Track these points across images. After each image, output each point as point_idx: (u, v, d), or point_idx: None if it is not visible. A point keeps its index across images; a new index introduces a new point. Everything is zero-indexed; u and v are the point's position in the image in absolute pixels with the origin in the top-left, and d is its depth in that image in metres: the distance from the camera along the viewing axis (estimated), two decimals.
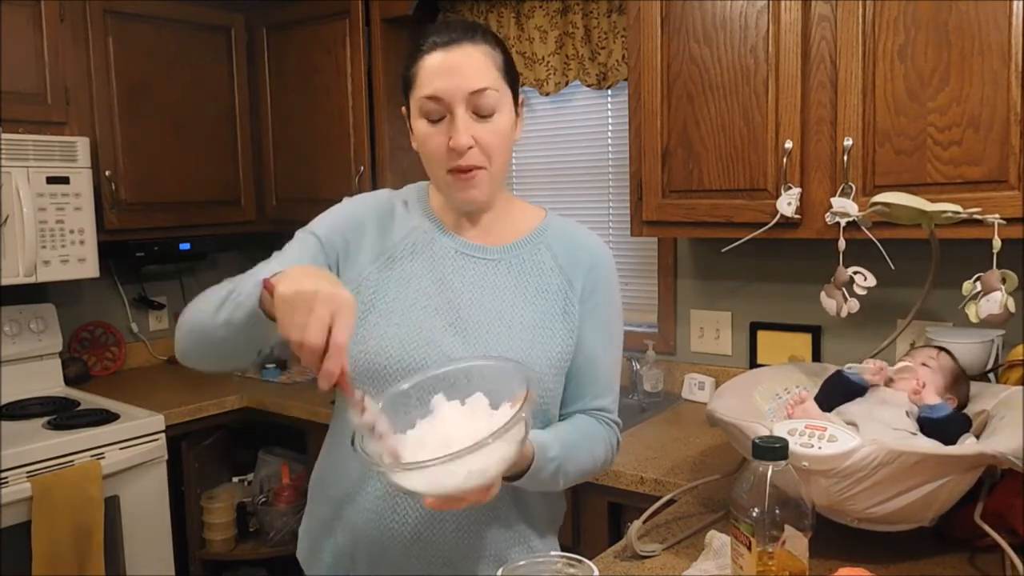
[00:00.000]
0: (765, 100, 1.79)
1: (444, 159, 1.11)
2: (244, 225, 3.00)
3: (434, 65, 1.08)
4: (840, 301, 1.51)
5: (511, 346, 1.13)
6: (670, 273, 2.39)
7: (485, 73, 1.09)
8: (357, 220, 1.19)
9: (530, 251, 1.21)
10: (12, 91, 2.30)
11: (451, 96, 1.08)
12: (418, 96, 1.10)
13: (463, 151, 1.09)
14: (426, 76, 1.09)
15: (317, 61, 2.77)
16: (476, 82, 1.08)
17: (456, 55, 1.08)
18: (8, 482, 2.01)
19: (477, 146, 1.10)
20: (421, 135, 1.12)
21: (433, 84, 1.08)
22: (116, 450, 2.22)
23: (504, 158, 1.15)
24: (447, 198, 1.18)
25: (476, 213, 1.20)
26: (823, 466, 1.08)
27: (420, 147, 1.14)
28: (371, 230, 1.19)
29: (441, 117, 1.09)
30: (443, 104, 1.08)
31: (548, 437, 1.09)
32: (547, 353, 1.16)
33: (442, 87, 1.08)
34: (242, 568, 2.71)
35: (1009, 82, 1.50)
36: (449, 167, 1.11)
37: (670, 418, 2.17)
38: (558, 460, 1.10)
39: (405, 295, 1.15)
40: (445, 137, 1.09)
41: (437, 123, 1.10)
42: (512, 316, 1.16)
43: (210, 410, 2.52)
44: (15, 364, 2.55)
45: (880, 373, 1.37)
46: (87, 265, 2.43)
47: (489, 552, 1.17)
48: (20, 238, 2.26)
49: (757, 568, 0.92)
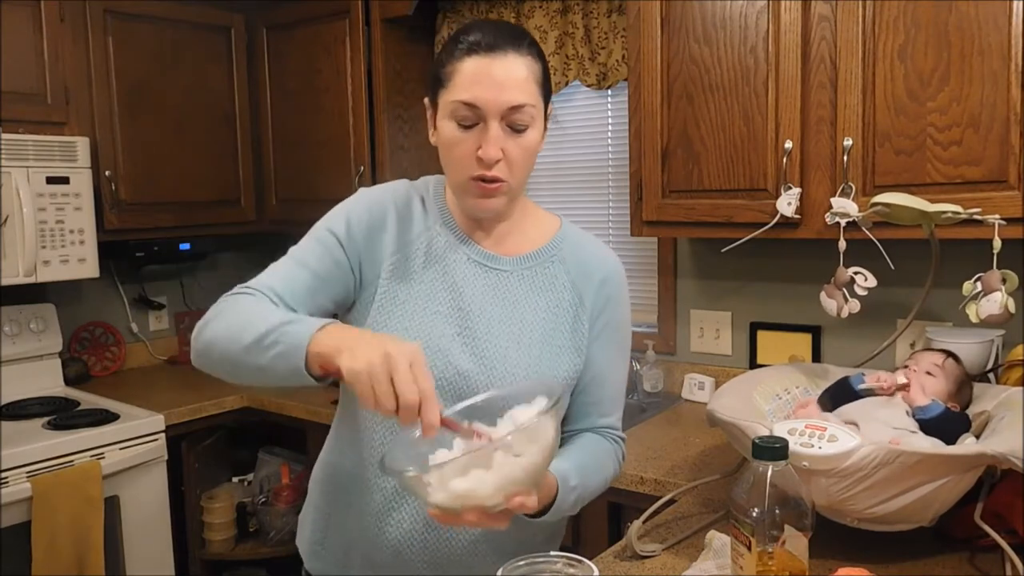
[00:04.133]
0: (765, 100, 1.79)
1: (469, 165, 1.07)
2: (244, 225, 3.00)
3: (475, 70, 1.04)
4: (840, 301, 1.51)
5: (519, 359, 1.12)
6: (670, 273, 2.39)
7: (526, 88, 1.06)
8: (378, 212, 1.16)
9: (543, 264, 1.19)
10: (12, 91, 2.30)
11: (488, 107, 1.04)
12: (452, 98, 1.06)
13: (492, 164, 1.06)
14: (464, 80, 1.05)
15: (317, 61, 2.77)
16: (516, 97, 1.04)
17: (499, 65, 1.04)
18: (8, 482, 2.01)
19: (505, 159, 1.07)
20: (448, 137, 1.08)
21: (471, 91, 1.04)
22: (116, 450, 2.22)
23: (527, 172, 1.12)
24: (462, 203, 1.14)
25: (491, 220, 1.17)
26: (823, 466, 1.08)
27: (444, 149, 1.10)
28: (391, 225, 1.16)
29: (473, 124, 1.06)
30: (478, 112, 1.05)
31: (566, 466, 1.07)
32: (555, 368, 1.14)
33: (481, 97, 1.04)
34: (242, 568, 2.71)
35: (1009, 82, 1.50)
36: (472, 174, 1.08)
37: (670, 418, 2.17)
38: (579, 489, 1.08)
39: (415, 299, 1.13)
40: (474, 144, 1.06)
41: (468, 129, 1.06)
42: (522, 329, 1.14)
43: (210, 410, 2.52)
44: (15, 364, 2.55)
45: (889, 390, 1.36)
46: (87, 265, 2.43)
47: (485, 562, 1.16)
48: (20, 238, 2.26)
49: (757, 568, 0.92)
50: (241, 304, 1.05)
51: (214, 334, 1.04)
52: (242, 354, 0.99)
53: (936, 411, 1.28)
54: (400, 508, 1.14)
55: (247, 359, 0.99)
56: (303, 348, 0.93)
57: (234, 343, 1.00)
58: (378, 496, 1.15)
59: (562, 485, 1.04)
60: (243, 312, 1.03)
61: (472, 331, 1.12)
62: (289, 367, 0.95)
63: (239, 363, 1.01)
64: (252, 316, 1.01)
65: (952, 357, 1.42)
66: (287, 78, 2.89)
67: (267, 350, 0.96)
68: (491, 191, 1.09)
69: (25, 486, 2.01)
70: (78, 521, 2.09)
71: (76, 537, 2.08)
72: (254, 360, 0.98)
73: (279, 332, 0.96)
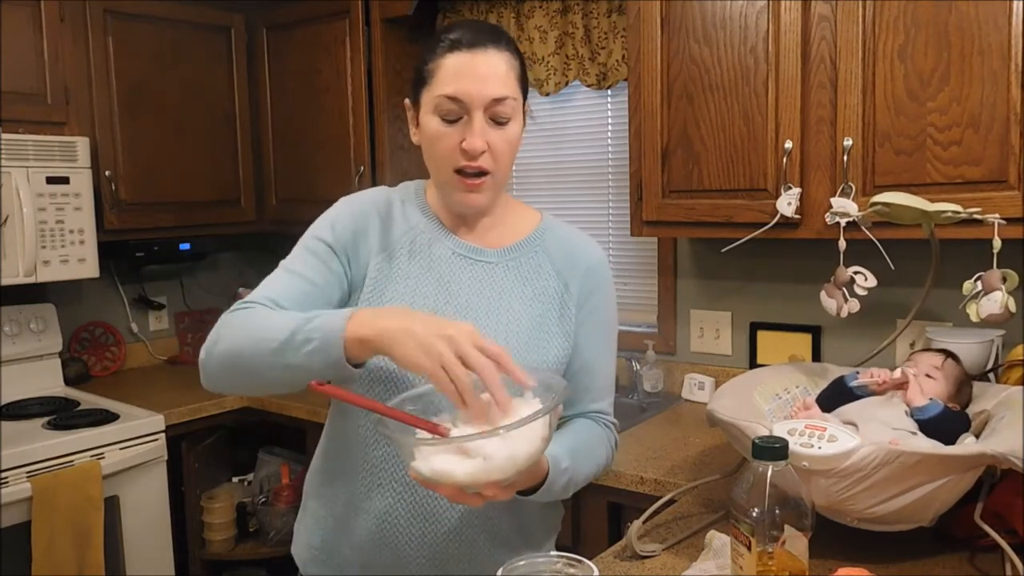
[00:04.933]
0: (765, 100, 1.79)
1: (453, 158, 1.10)
2: (244, 225, 3.00)
3: (458, 65, 1.08)
4: (841, 301, 1.51)
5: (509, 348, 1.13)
6: (670, 273, 2.39)
7: (507, 81, 1.10)
8: (361, 217, 1.18)
9: (527, 254, 1.21)
10: (12, 91, 2.30)
11: (472, 100, 1.07)
12: (436, 94, 1.09)
13: (477, 154, 1.09)
14: (448, 75, 1.08)
15: (317, 61, 2.77)
16: (498, 90, 1.08)
17: (481, 59, 1.08)
18: (8, 482, 2.01)
19: (489, 151, 1.10)
20: (432, 132, 1.11)
21: (455, 85, 1.07)
22: (116, 450, 2.22)
23: (510, 165, 1.15)
24: (447, 198, 1.17)
25: (475, 215, 1.19)
26: (823, 466, 1.08)
27: (428, 144, 1.13)
28: (374, 227, 1.18)
29: (457, 118, 1.09)
30: (462, 106, 1.08)
31: (558, 449, 1.09)
32: (544, 356, 1.16)
33: (464, 90, 1.07)
34: (242, 568, 2.71)
35: (1009, 82, 1.50)
36: (457, 166, 1.11)
37: (670, 418, 2.17)
38: (570, 472, 1.10)
39: (403, 295, 1.15)
40: (458, 138, 1.09)
41: (452, 123, 1.09)
42: (510, 319, 1.16)
43: (210, 410, 2.52)
44: (15, 364, 2.55)
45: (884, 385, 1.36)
46: (87, 265, 2.43)
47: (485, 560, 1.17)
48: (20, 238, 2.26)
49: (757, 568, 0.92)
50: (251, 317, 1.06)
51: (230, 348, 1.05)
52: (270, 357, 1.00)
53: (935, 411, 1.27)
54: (398, 506, 1.14)
55: (275, 361, 1.00)
56: (339, 339, 0.95)
57: (259, 351, 1.01)
58: (376, 497, 1.15)
59: (553, 467, 1.06)
60: (257, 321, 1.04)
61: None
62: (326, 360, 0.97)
63: (265, 368, 1.01)
64: (269, 323, 1.02)
65: (951, 357, 1.42)
66: (287, 78, 2.89)
67: (299, 348, 0.98)
68: (476, 185, 1.12)
69: (25, 486, 2.01)
70: (78, 521, 2.09)
71: (76, 537, 2.08)
72: (285, 361, 0.99)
73: (308, 329, 0.98)
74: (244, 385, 1.11)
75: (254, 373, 1.04)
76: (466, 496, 0.92)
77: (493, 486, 0.91)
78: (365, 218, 1.18)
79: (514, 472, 0.91)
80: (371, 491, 1.15)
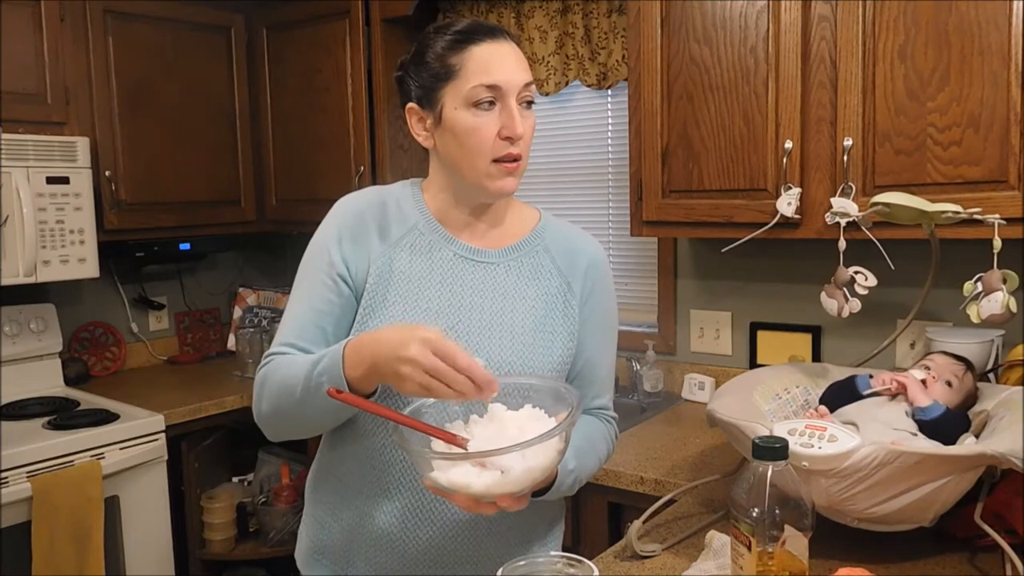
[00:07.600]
0: (765, 100, 1.79)
1: (493, 148, 1.10)
2: (244, 225, 3.00)
3: (489, 55, 1.09)
4: (841, 301, 1.51)
5: (513, 350, 1.14)
6: (670, 273, 2.39)
7: (527, 67, 1.13)
8: (358, 221, 1.18)
9: (529, 254, 1.21)
10: (12, 91, 2.30)
11: (509, 85, 1.09)
12: (469, 86, 1.08)
13: (519, 138, 1.10)
14: (479, 65, 1.08)
15: (317, 61, 2.77)
16: (526, 75, 1.11)
17: (506, 47, 1.11)
18: (8, 482, 2.01)
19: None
20: (466, 125, 1.09)
21: (491, 74, 1.08)
22: (116, 450, 2.21)
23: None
24: (480, 189, 1.13)
25: (475, 214, 1.19)
26: (823, 466, 1.08)
27: (461, 138, 1.10)
28: (372, 228, 1.18)
29: (490, 108, 1.09)
30: (498, 93, 1.09)
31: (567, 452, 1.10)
32: (549, 356, 1.16)
33: (501, 77, 1.08)
34: (242, 568, 2.71)
35: (1009, 82, 1.50)
36: (497, 155, 1.10)
37: (670, 418, 2.17)
38: (576, 471, 1.12)
39: (404, 300, 1.14)
40: (495, 126, 1.09)
41: (486, 113, 1.09)
42: (514, 320, 1.16)
43: (210, 410, 2.51)
44: (15, 364, 2.55)
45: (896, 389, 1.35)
46: (87, 265, 2.43)
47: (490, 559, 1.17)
48: (20, 238, 2.25)
49: (757, 568, 0.93)
50: (273, 373, 1.11)
51: (270, 408, 1.11)
52: (299, 408, 1.06)
53: (938, 412, 1.27)
54: (404, 509, 1.14)
55: (304, 411, 1.06)
56: (343, 377, 0.99)
57: (289, 404, 1.07)
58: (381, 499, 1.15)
59: (561, 469, 1.07)
60: (278, 377, 1.09)
61: (465, 325, 1.14)
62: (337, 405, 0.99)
63: (302, 418, 1.09)
64: (288, 373, 1.08)
65: (970, 370, 1.40)
66: (287, 78, 2.89)
67: (316, 392, 1.01)
68: (513, 169, 1.12)
69: (25, 486, 2.01)
70: (78, 521, 2.09)
71: (76, 537, 2.08)
72: (313, 405, 1.04)
73: (316, 374, 1.02)
74: (300, 432, 1.15)
75: (300, 422, 1.10)
76: (480, 505, 0.93)
77: (507, 497, 0.92)
78: (363, 222, 1.18)
79: (530, 484, 0.93)
80: (376, 494, 1.15)
